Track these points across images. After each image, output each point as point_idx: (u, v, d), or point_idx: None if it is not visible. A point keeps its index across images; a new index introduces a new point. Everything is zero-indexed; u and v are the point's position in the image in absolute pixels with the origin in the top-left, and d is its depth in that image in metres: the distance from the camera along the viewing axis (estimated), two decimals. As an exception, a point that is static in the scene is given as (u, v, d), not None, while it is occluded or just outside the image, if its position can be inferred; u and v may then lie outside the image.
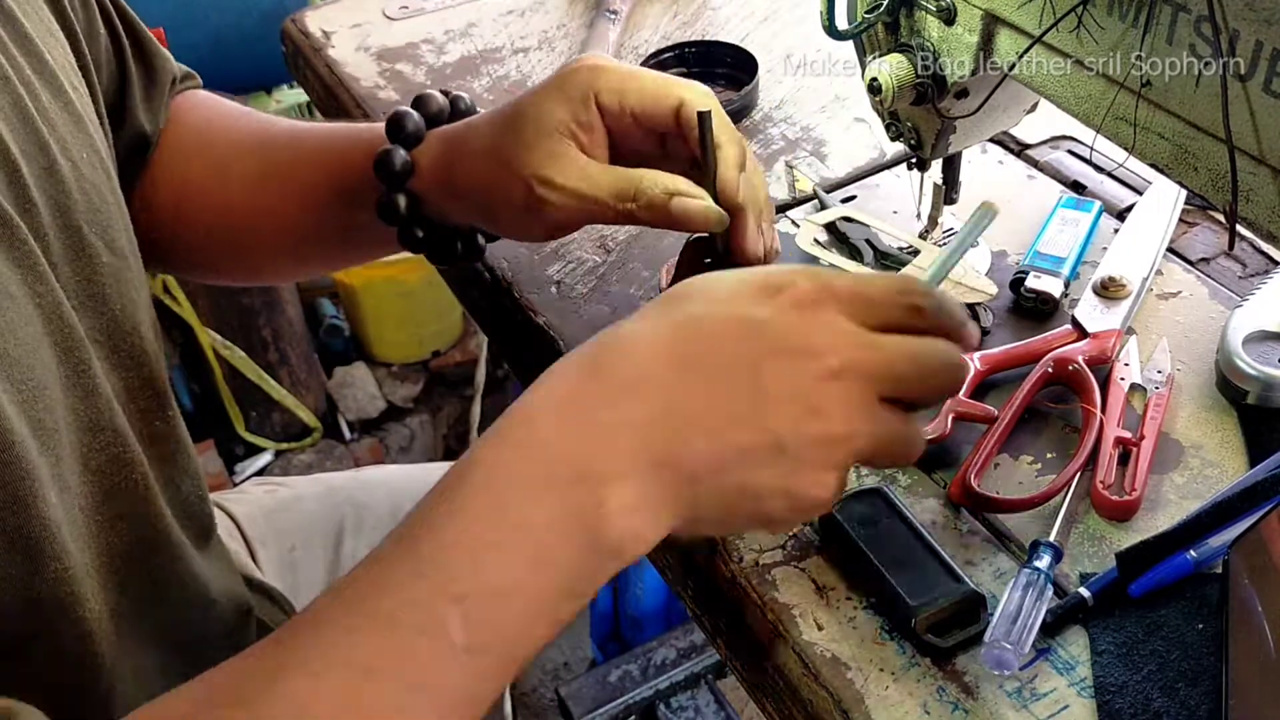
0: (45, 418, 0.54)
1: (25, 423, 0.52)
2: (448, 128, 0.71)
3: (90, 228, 0.62)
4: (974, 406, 0.69)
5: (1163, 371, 0.71)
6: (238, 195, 0.79)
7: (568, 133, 0.64)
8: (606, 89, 0.64)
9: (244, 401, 2.08)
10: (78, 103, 0.65)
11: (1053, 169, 0.90)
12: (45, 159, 0.59)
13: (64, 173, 0.60)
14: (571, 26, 1.14)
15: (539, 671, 1.79)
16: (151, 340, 0.68)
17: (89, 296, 0.62)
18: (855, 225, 0.84)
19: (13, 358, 0.53)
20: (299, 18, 1.20)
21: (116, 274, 0.64)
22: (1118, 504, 0.63)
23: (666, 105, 0.64)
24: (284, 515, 1.00)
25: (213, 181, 0.79)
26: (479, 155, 0.67)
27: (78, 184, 0.62)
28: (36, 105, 0.60)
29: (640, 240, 0.87)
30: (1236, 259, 0.81)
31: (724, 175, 0.64)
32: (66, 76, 0.64)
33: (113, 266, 0.64)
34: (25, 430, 0.52)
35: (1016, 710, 0.55)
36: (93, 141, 0.65)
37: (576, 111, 0.64)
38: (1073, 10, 0.58)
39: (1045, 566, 0.59)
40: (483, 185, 0.67)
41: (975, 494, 0.64)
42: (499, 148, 0.66)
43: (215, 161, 0.79)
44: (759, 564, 0.63)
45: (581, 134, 0.65)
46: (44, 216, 0.58)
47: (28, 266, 0.56)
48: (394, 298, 2.12)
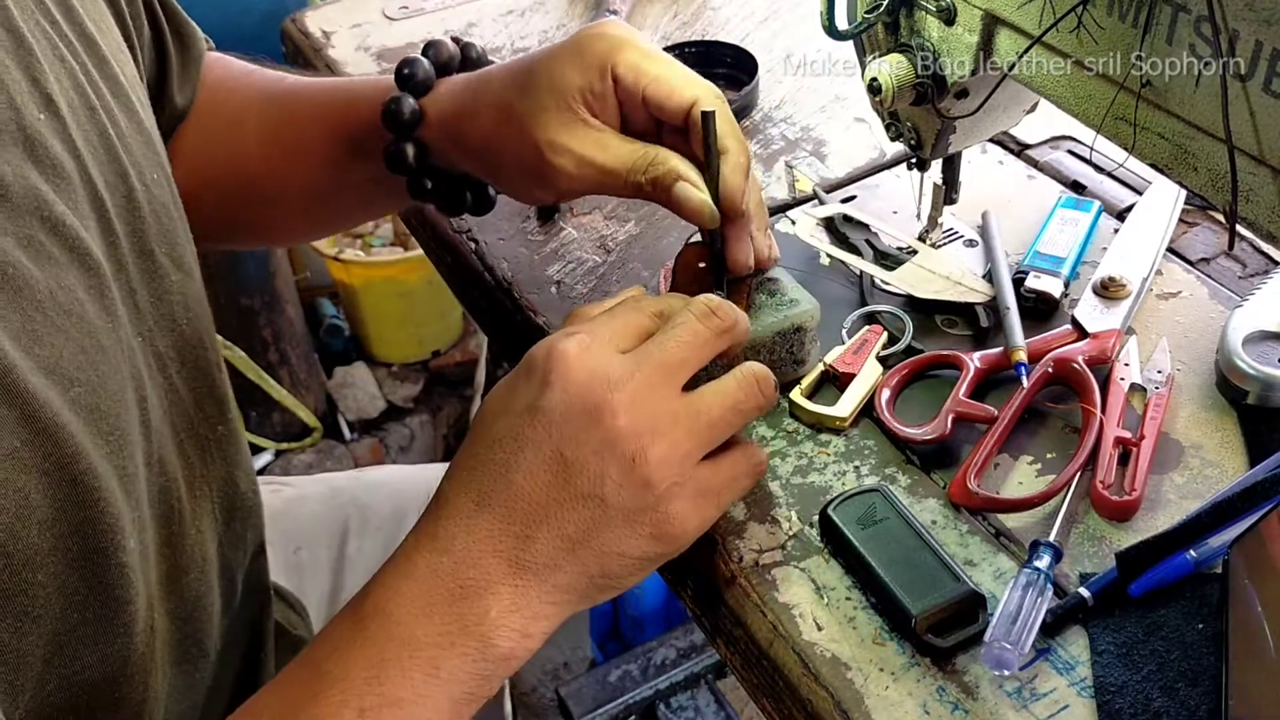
0: (128, 464, 0.54)
1: (114, 475, 0.53)
2: (458, 78, 0.70)
3: (160, 248, 0.62)
4: (974, 407, 0.69)
5: (1162, 371, 0.71)
6: (252, 152, 0.78)
7: (581, 100, 0.64)
8: (625, 64, 0.64)
9: (244, 401, 2.07)
10: (146, 120, 0.64)
11: (1053, 169, 0.90)
12: (125, 187, 0.59)
13: (139, 197, 0.60)
14: (571, 26, 1.14)
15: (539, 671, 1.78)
16: (215, 350, 0.68)
17: (161, 316, 0.62)
18: (854, 225, 0.84)
19: (103, 411, 0.53)
20: (299, 18, 1.20)
21: (184, 290, 0.64)
22: (1118, 504, 0.63)
23: (678, 100, 0.64)
24: (288, 517, 1.00)
25: (226, 141, 0.78)
26: (490, 111, 0.67)
27: (149, 206, 0.61)
28: (116, 131, 0.60)
29: (640, 240, 0.87)
30: (1236, 259, 0.81)
31: (727, 178, 0.64)
32: (136, 93, 0.64)
33: (181, 283, 0.64)
34: (115, 484, 0.52)
35: (1016, 710, 0.55)
36: (160, 159, 0.65)
37: (592, 80, 0.64)
38: (1073, 10, 0.58)
39: (1045, 566, 0.59)
40: (492, 142, 0.66)
41: (975, 494, 0.64)
42: (511, 106, 0.65)
43: (228, 121, 0.78)
44: (759, 564, 0.63)
45: (595, 103, 0.64)
46: (124, 246, 0.58)
47: (114, 314, 0.56)
48: (394, 298, 2.12)
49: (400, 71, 0.69)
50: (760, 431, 0.71)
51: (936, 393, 0.71)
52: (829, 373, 0.73)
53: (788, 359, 0.72)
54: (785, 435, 0.70)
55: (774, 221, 0.87)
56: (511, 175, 0.68)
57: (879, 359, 0.73)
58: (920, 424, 0.69)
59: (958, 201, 0.82)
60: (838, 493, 0.65)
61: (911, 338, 0.75)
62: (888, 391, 0.71)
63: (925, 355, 0.73)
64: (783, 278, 0.72)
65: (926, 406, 0.71)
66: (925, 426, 0.68)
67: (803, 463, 0.69)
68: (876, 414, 0.70)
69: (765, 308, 0.70)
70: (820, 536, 0.64)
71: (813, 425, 0.71)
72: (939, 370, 0.73)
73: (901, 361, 0.73)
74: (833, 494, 0.65)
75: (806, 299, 0.71)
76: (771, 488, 0.67)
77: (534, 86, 0.64)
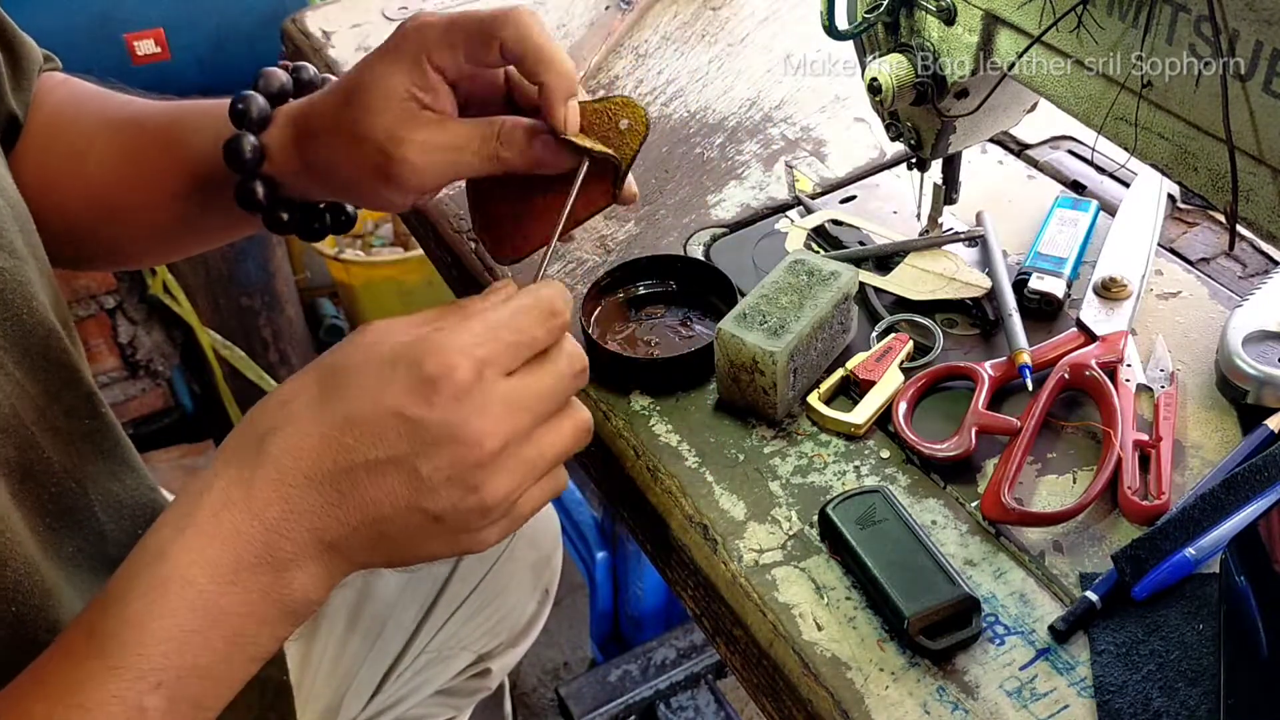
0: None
1: None
2: (293, 105, 0.70)
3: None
4: (995, 419, 0.68)
5: (1165, 370, 0.71)
6: (96, 179, 0.76)
7: (410, 98, 0.64)
8: (437, 46, 0.64)
9: (244, 401, 2.07)
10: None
11: (1053, 169, 0.90)
12: None
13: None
14: (572, 26, 1.14)
15: (539, 671, 1.79)
16: (74, 341, 0.66)
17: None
18: (847, 228, 0.84)
19: None
20: (299, 18, 1.20)
21: (15, 275, 0.63)
22: (1148, 509, 0.62)
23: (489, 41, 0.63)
24: None
25: (70, 164, 0.77)
26: (327, 133, 0.67)
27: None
28: None
29: (640, 240, 0.87)
30: (1236, 259, 0.81)
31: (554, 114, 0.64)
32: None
33: (11, 269, 0.63)
34: None
35: (1016, 710, 0.55)
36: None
37: (415, 76, 0.64)
38: (1073, 10, 0.58)
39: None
40: (336, 160, 0.67)
41: (1010, 510, 0.63)
42: (345, 121, 0.65)
43: (72, 144, 0.77)
44: (759, 564, 0.63)
45: (425, 95, 0.64)
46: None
47: None
48: (394, 298, 2.12)
49: (235, 108, 0.69)
50: (762, 431, 0.71)
51: (950, 405, 0.71)
52: (849, 379, 0.73)
53: (839, 329, 0.74)
54: (786, 435, 0.70)
55: (774, 221, 0.88)
56: (363, 188, 0.68)
57: (901, 369, 0.73)
58: (941, 439, 0.68)
59: (958, 201, 0.82)
60: (838, 493, 0.65)
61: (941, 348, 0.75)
62: (904, 405, 0.70)
63: (942, 366, 0.73)
64: (810, 259, 0.74)
65: (941, 419, 0.70)
66: (949, 442, 0.67)
67: (803, 463, 0.69)
68: (894, 429, 0.69)
69: (816, 285, 0.72)
70: (820, 536, 0.64)
71: (827, 430, 0.71)
72: (950, 381, 0.73)
73: (920, 373, 0.73)
74: (833, 494, 0.65)
75: (845, 268, 0.73)
76: (771, 488, 0.67)
77: (363, 96, 0.64)
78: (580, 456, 0.76)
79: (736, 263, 0.83)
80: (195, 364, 2.08)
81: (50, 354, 0.65)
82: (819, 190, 0.90)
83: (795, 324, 0.69)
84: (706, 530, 0.65)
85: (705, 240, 0.86)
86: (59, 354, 0.65)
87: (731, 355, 0.69)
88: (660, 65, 1.08)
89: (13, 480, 0.60)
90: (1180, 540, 0.59)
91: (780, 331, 0.69)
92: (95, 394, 0.69)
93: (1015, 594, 0.61)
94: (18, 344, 0.62)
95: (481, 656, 1.07)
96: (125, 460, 0.71)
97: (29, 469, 0.62)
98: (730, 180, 0.92)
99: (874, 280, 0.80)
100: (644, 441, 0.71)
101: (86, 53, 1.53)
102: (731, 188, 0.91)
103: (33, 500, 0.62)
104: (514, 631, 1.09)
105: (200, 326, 1.95)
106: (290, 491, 0.52)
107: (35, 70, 0.78)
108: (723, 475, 0.68)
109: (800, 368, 0.70)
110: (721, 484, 0.67)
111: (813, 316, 0.70)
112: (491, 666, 1.09)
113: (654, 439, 0.71)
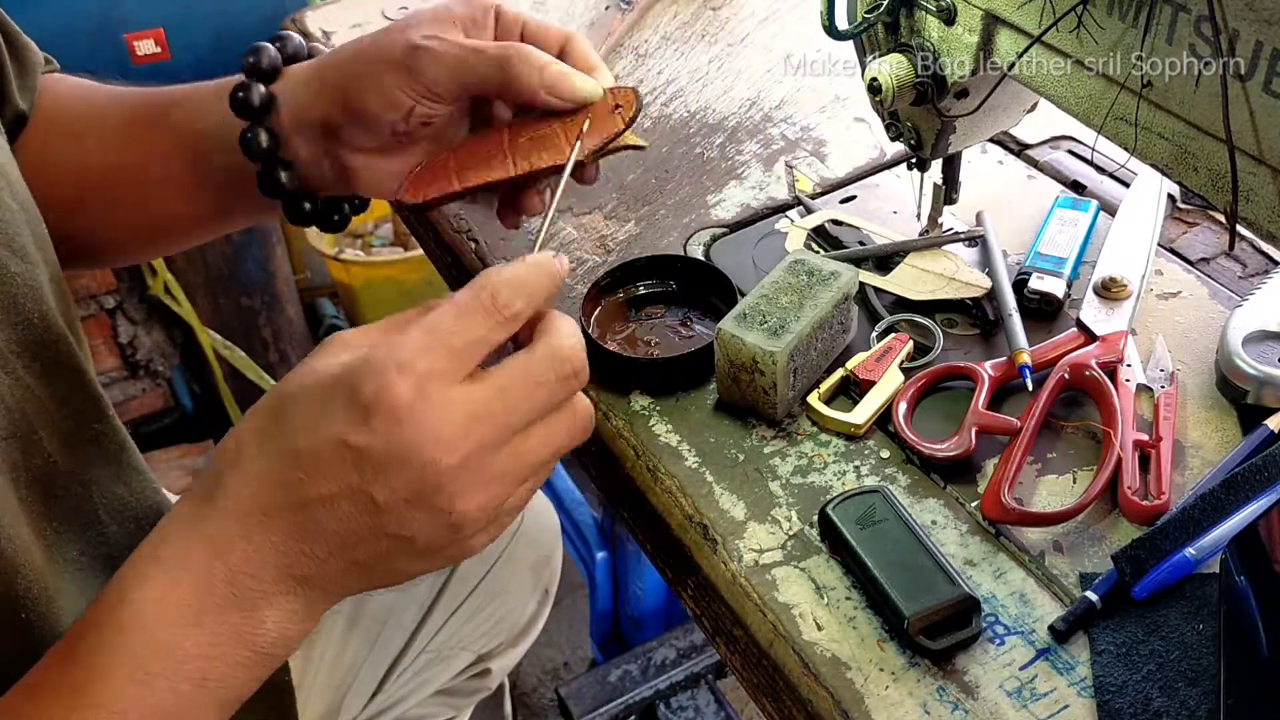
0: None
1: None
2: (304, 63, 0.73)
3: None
4: (995, 419, 0.68)
5: (1165, 370, 0.71)
6: (95, 167, 0.77)
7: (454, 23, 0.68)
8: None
9: (244, 401, 2.07)
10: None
11: (1053, 169, 0.90)
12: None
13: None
14: (572, 27, 1.14)
15: (539, 671, 1.79)
16: (76, 346, 0.66)
17: (1, 309, 0.61)
18: (847, 228, 0.84)
19: None
20: (299, 18, 1.20)
21: (30, 281, 0.63)
22: (1149, 509, 0.62)
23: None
24: None
25: (69, 145, 0.77)
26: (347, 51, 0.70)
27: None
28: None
29: (640, 240, 0.87)
30: (1236, 259, 0.81)
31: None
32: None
33: (24, 274, 0.62)
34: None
35: (1016, 710, 0.55)
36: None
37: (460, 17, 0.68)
38: (1073, 10, 0.58)
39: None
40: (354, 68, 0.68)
41: (1010, 510, 0.63)
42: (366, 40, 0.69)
43: (70, 127, 0.77)
44: (759, 564, 0.63)
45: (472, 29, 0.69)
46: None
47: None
48: (394, 298, 2.12)
49: (247, 60, 0.71)
50: (762, 431, 0.71)
51: (950, 405, 0.71)
52: (849, 379, 0.73)
53: (839, 329, 0.74)
54: (786, 435, 0.70)
55: (774, 221, 0.88)
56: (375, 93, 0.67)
57: (901, 369, 0.73)
58: (941, 439, 0.68)
59: (958, 201, 0.82)
60: (838, 493, 0.65)
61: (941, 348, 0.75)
62: (904, 405, 0.70)
63: (942, 366, 0.73)
64: (810, 259, 0.74)
65: (941, 419, 0.70)
66: (949, 442, 0.67)
67: (803, 463, 0.69)
68: (894, 429, 0.69)
69: (816, 285, 0.72)
70: (820, 536, 0.64)
71: (827, 430, 0.71)
72: (950, 381, 0.73)
73: (920, 373, 0.73)
74: (833, 494, 0.66)
75: (845, 268, 0.73)
76: (771, 487, 0.67)
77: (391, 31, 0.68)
78: (580, 456, 0.76)
79: (736, 263, 0.83)
80: (195, 364, 2.08)
81: (60, 358, 0.65)
82: (819, 190, 0.90)
83: (795, 324, 0.69)
84: (706, 530, 0.65)
85: (705, 240, 0.86)
86: (68, 358, 0.65)
87: (731, 355, 0.69)
88: (660, 65, 1.08)
89: (19, 485, 0.60)
90: (1180, 540, 0.59)
91: (780, 331, 0.69)
92: (102, 397, 0.69)
93: (1015, 594, 0.61)
94: (29, 348, 0.62)
95: (481, 656, 1.07)
96: (130, 463, 0.71)
97: (35, 473, 0.62)
98: (730, 180, 0.92)
99: (874, 280, 0.80)
100: (644, 441, 0.71)
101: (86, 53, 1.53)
102: (731, 188, 0.91)
103: (38, 504, 0.62)
104: (514, 631, 1.10)
105: (200, 326, 1.95)
106: (251, 529, 0.50)
107: (39, 70, 0.78)
108: (723, 475, 0.68)
109: (800, 368, 0.70)
110: (721, 484, 0.67)
111: (813, 316, 0.70)
112: (491, 666, 1.10)
113: (654, 439, 0.71)
